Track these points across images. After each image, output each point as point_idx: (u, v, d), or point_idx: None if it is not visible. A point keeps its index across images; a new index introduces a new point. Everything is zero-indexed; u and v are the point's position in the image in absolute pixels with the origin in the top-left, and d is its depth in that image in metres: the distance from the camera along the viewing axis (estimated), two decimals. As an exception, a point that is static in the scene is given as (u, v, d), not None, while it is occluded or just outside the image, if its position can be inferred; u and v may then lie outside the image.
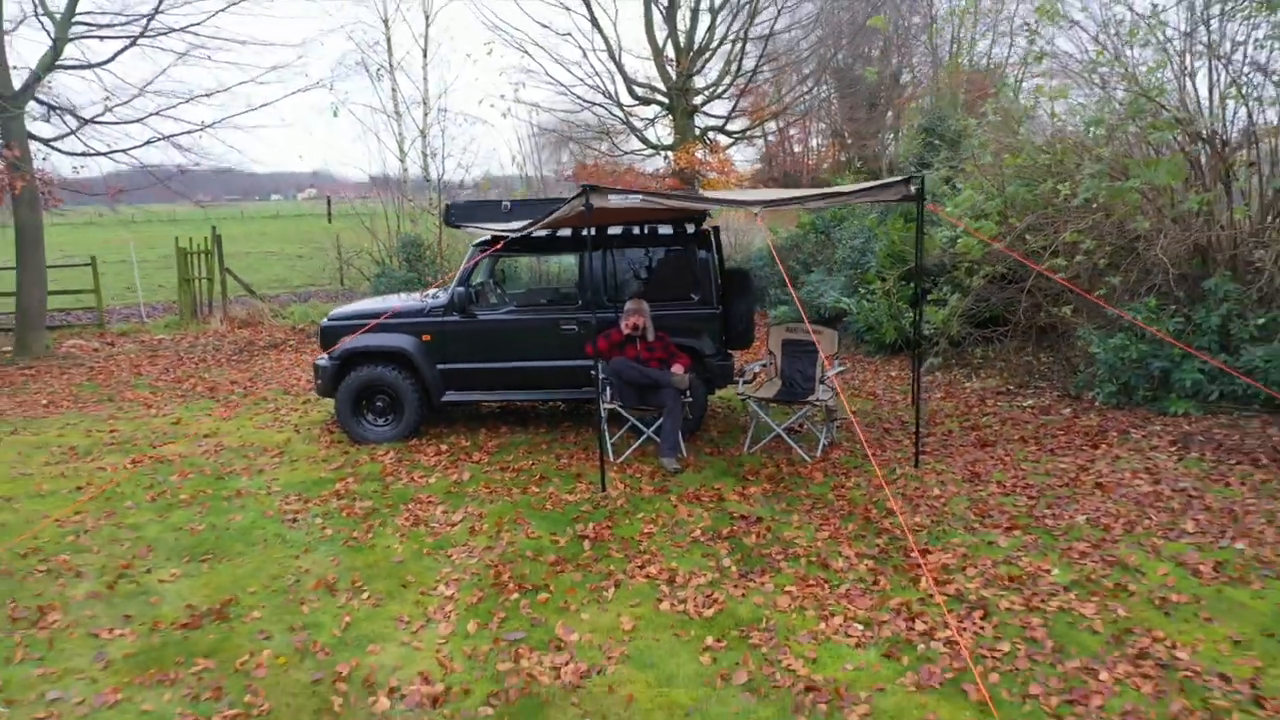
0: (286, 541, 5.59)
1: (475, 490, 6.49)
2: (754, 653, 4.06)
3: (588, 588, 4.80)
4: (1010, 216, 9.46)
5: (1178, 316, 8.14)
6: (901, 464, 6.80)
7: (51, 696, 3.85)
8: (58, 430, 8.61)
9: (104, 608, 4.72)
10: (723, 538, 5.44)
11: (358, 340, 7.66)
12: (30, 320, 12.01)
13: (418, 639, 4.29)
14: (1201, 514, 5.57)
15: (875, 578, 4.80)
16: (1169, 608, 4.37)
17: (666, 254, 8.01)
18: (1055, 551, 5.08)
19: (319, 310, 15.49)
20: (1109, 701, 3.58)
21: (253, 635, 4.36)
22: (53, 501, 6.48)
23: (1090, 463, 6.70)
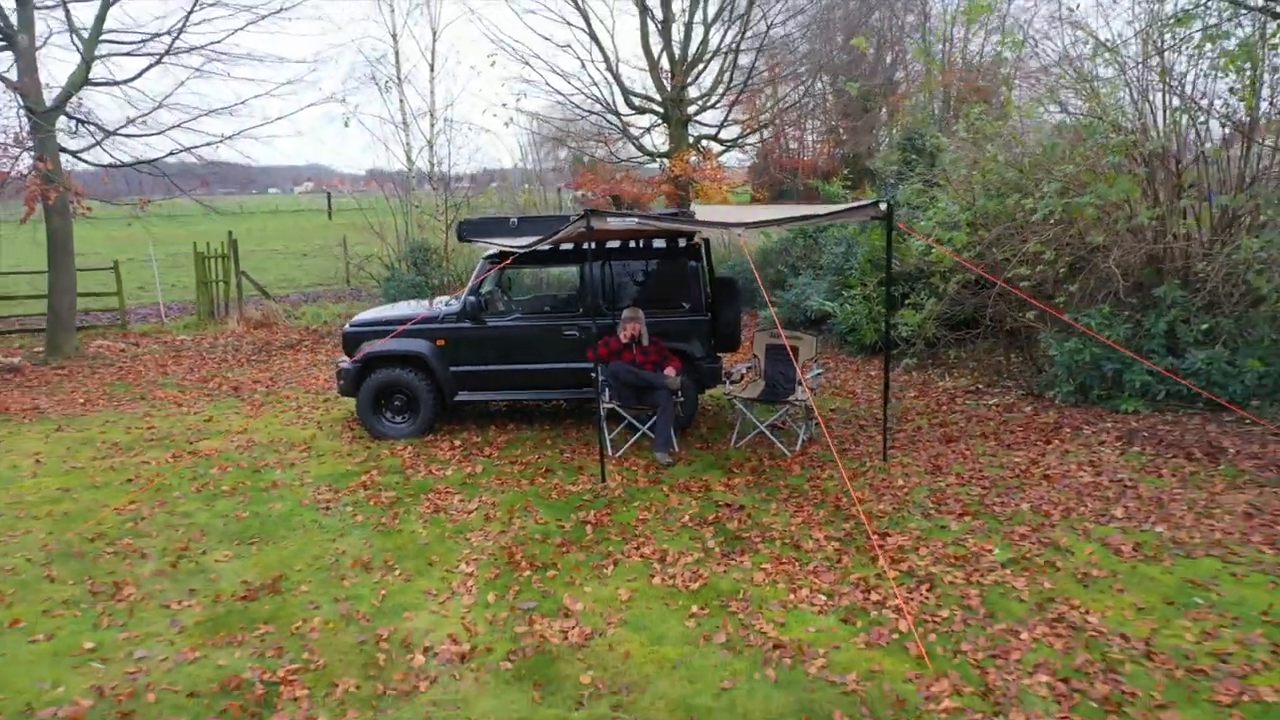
0: (323, 527, 6.29)
1: (488, 481, 7.20)
2: (732, 618, 4.76)
3: (590, 565, 5.50)
4: (980, 227, 10.15)
5: (1128, 323, 8.86)
6: (872, 457, 7.51)
7: (138, 655, 4.55)
8: (99, 427, 9.29)
9: (170, 583, 5.42)
10: (708, 523, 6.14)
11: (378, 345, 8.35)
12: (61, 322, 12.68)
13: (445, 608, 5.00)
14: (1132, 502, 6.29)
15: (840, 557, 5.51)
16: (1089, 581, 5.08)
17: (660, 265, 8.69)
18: (999, 534, 5.79)
19: (330, 311, 16.17)
20: (1025, 656, 4.29)
21: (303, 605, 5.06)
22: (107, 493, 7.17)
23: (1041, 456, 7.42)
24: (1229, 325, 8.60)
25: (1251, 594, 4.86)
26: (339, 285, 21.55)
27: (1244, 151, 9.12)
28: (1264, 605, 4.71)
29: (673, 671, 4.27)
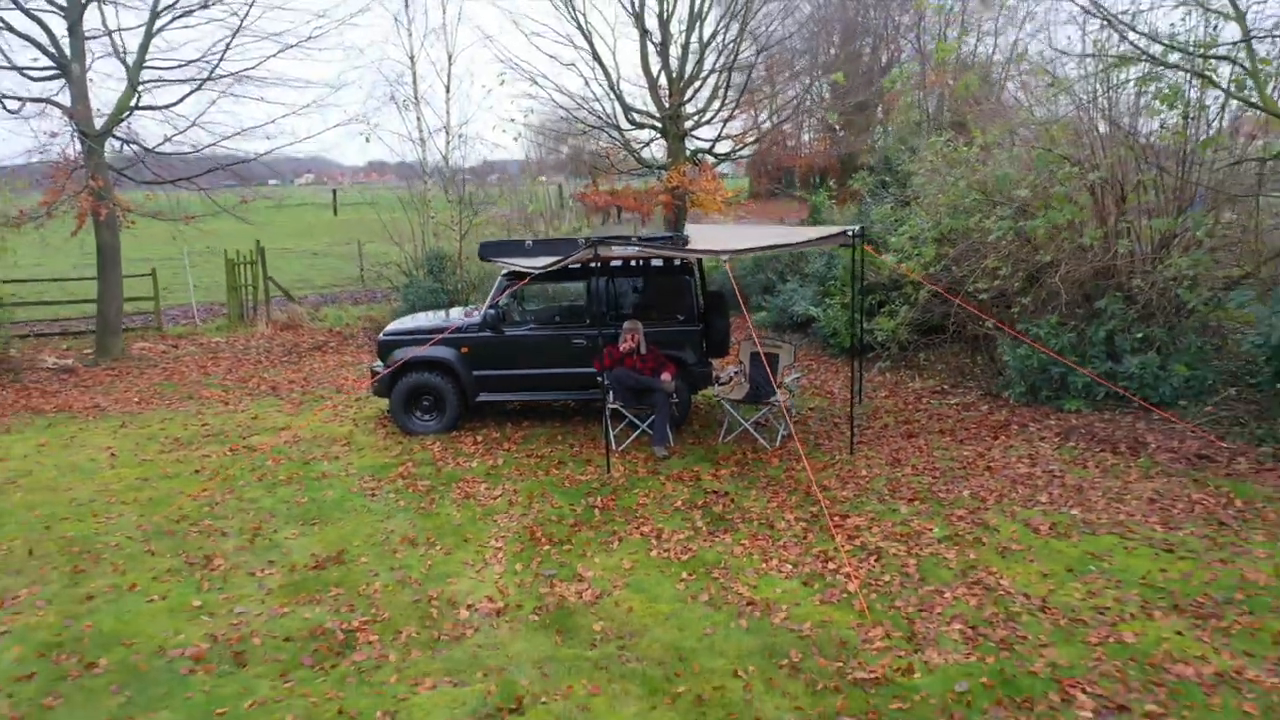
0: (371, 510, 7.38)
1: (509, 472, 8.29)
2: (714, 582, 5.86)
3: (598, 541, 6.59)
4: (946, 243, 11.22)
5: (1073, 331, 9.94)
6: (841, 451, 8.60)
7: (238, 611, 5.64)
8: (158, 424, 10.38)
9: (251, 556, 6.51)
10: (698, 507, 7.23)
11: (407, 350, 9.43)
12: (109, 326, 13.75)
13: (481, 575, 6.09)
14: (1057, 489, 7.38)
15: (805, 534, 6.60)
16: (1007, 554, 6.17)
17: (658, 280, 9.75)
18: (940, 516, 6.88)
19: (350, 314, 17.23)
20: (945, 610, 5.39)
21: (365, 573, 6.15)
22: (179, 482, 8.25)
23: (988, 450, 8.52)
24: (1161, 334, 9.69)
25: (1136, 563, 5.95)
26: (354, 286, 22.57)
27: (1179, 179, 10.18)
28: (1144, 571, 5.81)
29: (665, 622, 5.36)
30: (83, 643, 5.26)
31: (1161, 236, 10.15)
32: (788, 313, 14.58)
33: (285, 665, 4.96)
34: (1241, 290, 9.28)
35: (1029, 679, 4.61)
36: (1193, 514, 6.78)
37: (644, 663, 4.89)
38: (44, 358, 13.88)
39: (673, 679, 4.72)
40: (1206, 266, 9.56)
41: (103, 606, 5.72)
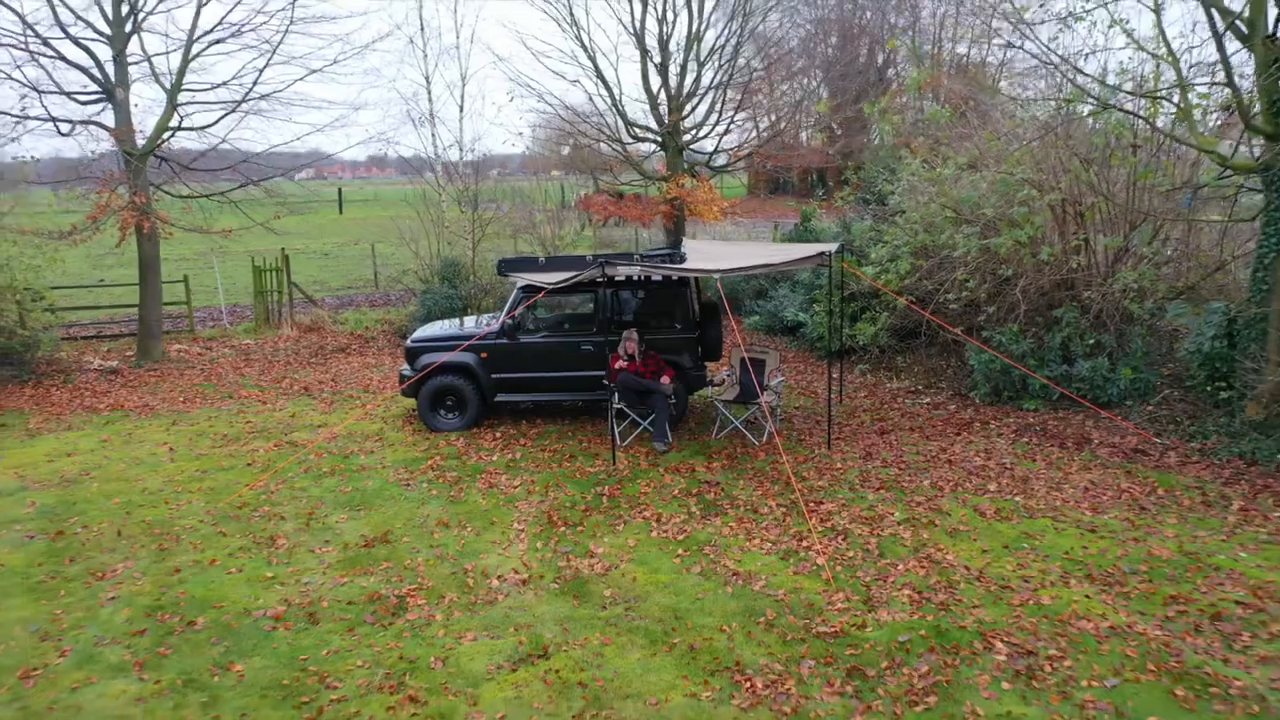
0: (408, 498, 8.41)
1: (526, 465, 9.32)
2: (705, 558, 6.89)
3: (607, 524, 7.63)
4: (920, 257, 12.24)
5: (1032, 338, 10.98)
6: (820, 446, 9.64)
7: (305, 580, 6.67)
8: (206, 421, 11.41)
9: (309, 536, 7.54)
10: (692, 495, 8.27)
11: (435, 356, 10.45)
12: (150, 331, 14.76)
13: (507, 552, 7.12)
14: (1006, 479, 8.42)
15: (784, 518, 7.63)
16: (956, 534, 7.21)
17: (658, 292, 10.76)
18: (901, 503, 7.91)
19: (369, 318, 18.24)
20: (898, 579, 6.42)
21: (408, 550, 7.18)
22: (234, 474, 9.28)
23: (951, 445, 9.55)
24: (1110, 341, 10.74)
25: (1063, 541, 6.99)
26: (368, 289, 23.57)
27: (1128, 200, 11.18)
28: (1068, 548, 6.85)
29: (664, 589, 6.39)
30: (180, 606, 6.29)
31: (1113, 253, 11.19)
32: (778, 317, 15.60)
33: (351, 623, 6.00)
34: (1178, 304, 10.29)
35: (959, 632, 5.64)
36: (1119, 500, 7.82)
37: (646, 620, 5.93)
38: (88, 360, 14.90)
39: (670, 633, 5.76)
40: (1151, 280, 10.60)
41: (190, 577, 6.76)
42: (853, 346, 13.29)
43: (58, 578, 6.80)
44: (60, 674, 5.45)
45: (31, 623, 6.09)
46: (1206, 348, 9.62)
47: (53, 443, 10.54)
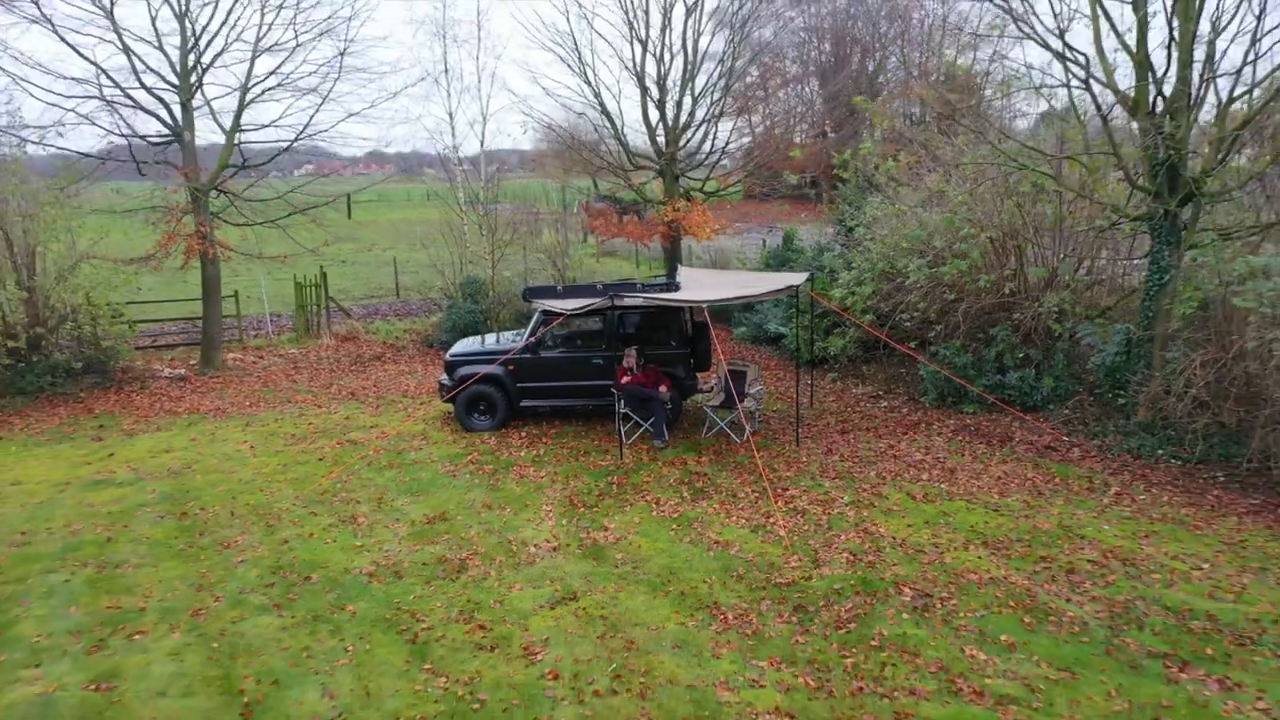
0: (455, 486, 10.34)
1: (549, 459, 11.25)
2: (693, 531, 8.83)
3: (617, 506, 9.56)
4: (881, 283, 14.17)
5: (971, 352, 12.91)
6: (790, 443, 11.58)
7: (386, 549, 8.61)
8: (274, 423, 13.32)
9: (382, 515, 9.47)
10: (684, 483, 10.20)
11: (470, 368, 12.37)
12: (212, 342, 16.68)
13: (539, 527, 9.05)
14: (937, 471, 10.36)
15: (756, 501, 9.57)
16: (889, 513, 9.15)
17: (656, 314, 12.65)
18: (850, 489, 9.85)
19: (398, 328, 20.15)
20: (840, 545, 8.36)
21: (463, 525, 9.12)
22: (310, 467, 11.21)
23: (898, 443, 11.49)
24: (1037, 354, 12.68)
25: (972, 518, 8.93)
26: (390, 297, 25.47)
27: (1055, 238, 13.11)
28: (974, 523, 8.79)
29: (662, 553, 8.33)
30: (294, 567, 8.23)
31: (1041, 280, 13.12)
32: (763, 329, 17.52)
33: (427, 577, 7.94)
34: (1087, 324, 12.22)
35: (879, 582, 7.59)
36: (1023, 487, 9.77)
37: (648, 575, 7.87)
38: (157, 368, 16.83)
39: (666, 583, 7.69)
40: (1071, 304, 12.53)
41: (297, 546, 8.70)
42: (825, 357, 15.22)
43: (194, 547, 8.74)
44: (220, 613, 7.39)
45: (186, 579, 8.04)
46: (1109, 362, 11.57)
47: (150, 441, 12.47)
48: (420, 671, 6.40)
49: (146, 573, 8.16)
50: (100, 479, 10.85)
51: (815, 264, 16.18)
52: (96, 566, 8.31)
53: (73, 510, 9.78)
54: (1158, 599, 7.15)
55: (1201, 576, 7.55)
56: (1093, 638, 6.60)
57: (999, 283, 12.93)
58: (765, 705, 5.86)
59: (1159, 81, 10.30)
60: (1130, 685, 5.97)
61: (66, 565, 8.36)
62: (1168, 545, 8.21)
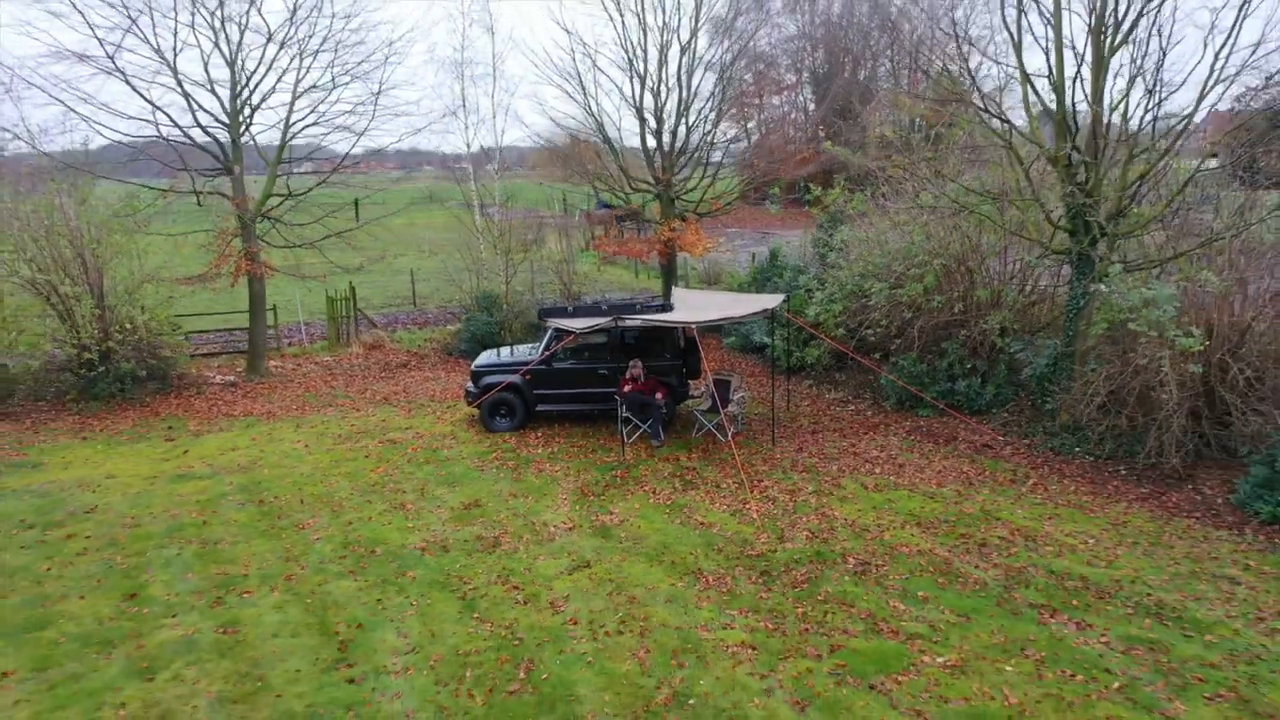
0: (484, 478, 12.20)
1: (562, 456, 13.10)
2: (683, 514, 10.69)
3: (620, 495, 11.43)
4: (850, 301, 16.03)
5: (925, 364, 14.78)
6: (767, 443, 13.44)
7: (432, 528, 10.46)
8: (320, 424, 15.16)
9: (425, 503, 11.33)
10: (677, 476, 12.06)
11: (494, 378, 14.22)
12: (257, 351, 18.52)
13: (556, 511, 10.92)
14: (888, 465, 12.23)
15: (736, 490, 11.44)
16: (844, 499, 11.02)
17: (654, 329, 14.49)
18: (814, 480, 11.72)
19: (419, 337, 21.99)
20: (801, 526, 10.22)
21: (494, 511, 10.98)
22: (359, 463, 13.05)
23: (859, 442, 13.36)
24: (982, 365, 14.55)
25: (911, 504, 10.81)
26: (407, 306, 27.29)
27: (1001, 263, 14.98)
28: (912, 508, 10.66)
29: (658, 532, 10.20)
30: (360, 543, 10.08)
31: (987, 301, 14.99)
32: (750, 339, 19.39)
33: (468, 550, 9.80)
34: (1017, 340, 14.10)
35: (830, 554, 9.45)
36: (958, 479, 11.65)
37: (646, 549, 9.73)
38: (208, 374, 18.67)
39: (660, 555, 9.56)
40: (1011, 321, 14.41)
41: (359, 527, 10.55)
42: (803, 365, 17.09)
43: (275, 528, 10.60)
44: (306, 578, 9.25)
45: (275, 553, 9.90)
46: (1039, 373, 13.45)
47: (216, 440, 14.33)
48: (471, 619, 8.26)
49: (241, 548, 10.03)
50: (182, 473, 12.71)
51: (793, 284, 18.04)
52: (199, 544, 10.17)
53: (166, 499, 11.64)
54: (1046, 565, 9.04)
55: (1085, 549, 9.44)
56: (989, 593, 8.48)
57: (950, 303, 14.79)
58: (734, 640, 7.73)
59: (1075, 142, 12.16)
60: (1009, 626, 7.85)
61: (174, 542, 10.22)
62: (1065, 525, 10.09)
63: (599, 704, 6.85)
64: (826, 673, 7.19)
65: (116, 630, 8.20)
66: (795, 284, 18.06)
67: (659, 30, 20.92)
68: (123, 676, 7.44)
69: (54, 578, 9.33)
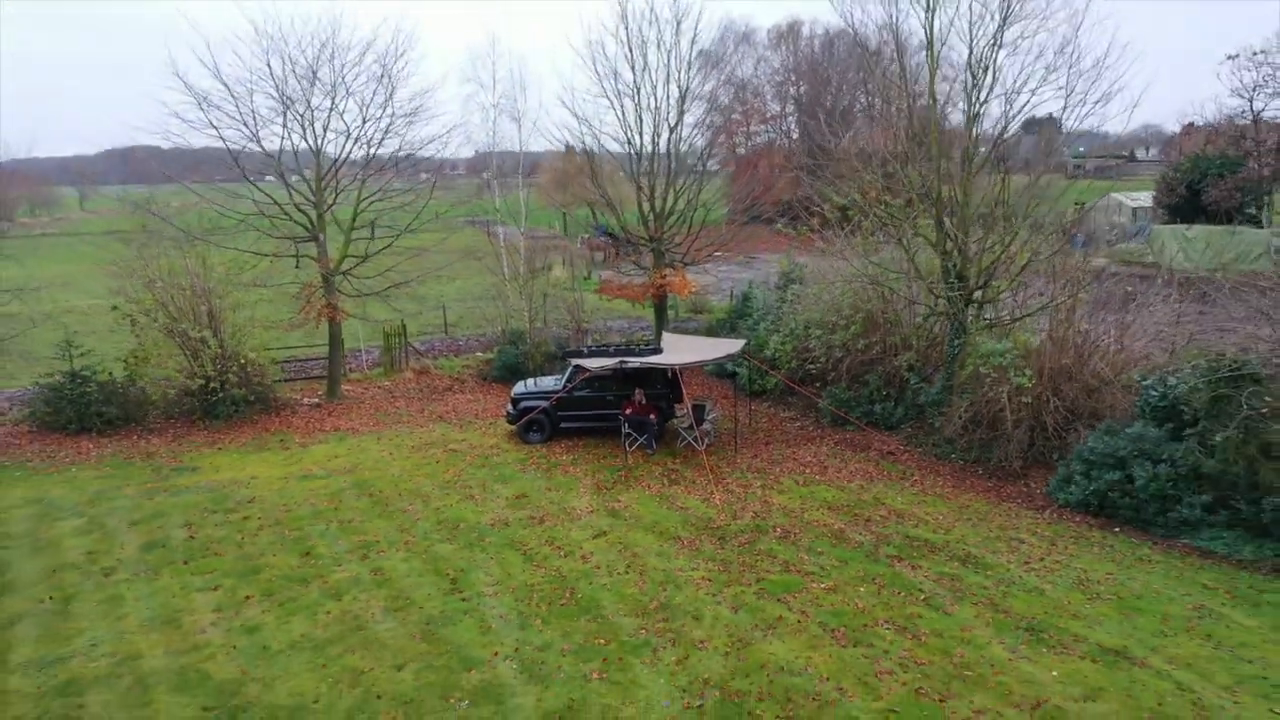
0: (526, 478, 16.62)
1: (580, 461, 17.53)
2: (669, 502, 15.13)
3: (624, 489, 15.85)
4: (797, 342, 20.52)
5: (851, 392, 19.28)
6: (732, 451, 17.90)
7: (495, 511, 14.89)
8: (396, 438, 19.56)
9: (486, 494, 15.74)
10: (664, 476, 16.51)
11: (529, 403, 18.67)
12: (335, 378, 22.91)
13: (580, 500, 15.35)
14: (816, 468, 16.71)
15: (705, 485, 15.90)
16: (783, 491, 15.47)
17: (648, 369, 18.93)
18: (762, 479, 16.18)
19: (456, 364, 26.39)
20: (750, 509, 14.67)
21: (536, 500, 15.39)
22: (432, 467, 17.45)
23: (798, 450, 17.83)
24: (894, 393, 19.06)
25: (826, 494, 15.28)
26: (439, 334, 31.66)
27: (909, 315, 19.49)
28: (826, 497, 15.14)
29: (651, 513, 14.63)
30: (448, 521, 14.48)
31: (898, 344, 19.49)
32: (724, 369, 23.87)
33: (523, 525, 14.22)
34: (914, 374, 18.60)
35: (766, 526, 13.90)
36: (863, 477, 16.12)
37: (643, 524, 14.16)
38: (295, 397, 23.06)
39: (653, 528, 13.99)
40: (915, 361, 18.92)
41: (444, 511, 14.96)
42: (763, 390, 21.57)
43: (387, 512, 15.00)
44: (418, 543, 13.65)
45: (391, 527, 14.30)
46: (931, 399, 17.95)
47: (321, 450, 18.74)
48: (532, 567, 12.68)
49: (368, 524, 14.44)
50: (305, 475, 17.12)
51: (758, 324, 22.54)
52: (338, 522, 14.58)
53: (302, 493, 16.04)
54: (905, 532, 13.51)
55: (934, 522, 13.91)
56: (862, 549, 12.94)
57: (870, 346, 19.30)
58: (698, 576, 12.15)
59: (955, 240, 16.68)
60: (868, 568, 12.31)
61: (320, 521, 14.62)
62: (928, 507, 14.58)
63: (615, 610, 11.29)
64: (753, 593, 11.64)
65: (305, 573, 12.62)
66: (759, 323, 22.57)
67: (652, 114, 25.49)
68: (320, 598, 11.86)
69: (249, 544, 13.74)
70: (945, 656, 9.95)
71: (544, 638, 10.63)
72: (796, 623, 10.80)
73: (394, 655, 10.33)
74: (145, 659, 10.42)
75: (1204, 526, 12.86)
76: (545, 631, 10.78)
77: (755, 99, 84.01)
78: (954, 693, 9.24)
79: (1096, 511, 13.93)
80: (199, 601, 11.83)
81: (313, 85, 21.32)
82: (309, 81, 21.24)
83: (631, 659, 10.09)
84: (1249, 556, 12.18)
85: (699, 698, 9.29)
